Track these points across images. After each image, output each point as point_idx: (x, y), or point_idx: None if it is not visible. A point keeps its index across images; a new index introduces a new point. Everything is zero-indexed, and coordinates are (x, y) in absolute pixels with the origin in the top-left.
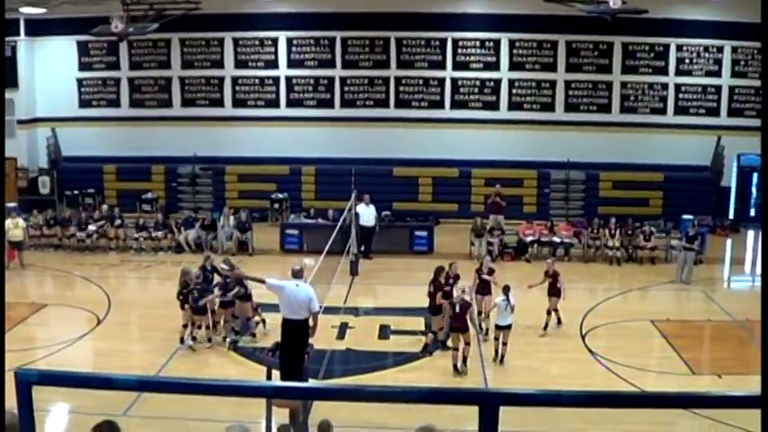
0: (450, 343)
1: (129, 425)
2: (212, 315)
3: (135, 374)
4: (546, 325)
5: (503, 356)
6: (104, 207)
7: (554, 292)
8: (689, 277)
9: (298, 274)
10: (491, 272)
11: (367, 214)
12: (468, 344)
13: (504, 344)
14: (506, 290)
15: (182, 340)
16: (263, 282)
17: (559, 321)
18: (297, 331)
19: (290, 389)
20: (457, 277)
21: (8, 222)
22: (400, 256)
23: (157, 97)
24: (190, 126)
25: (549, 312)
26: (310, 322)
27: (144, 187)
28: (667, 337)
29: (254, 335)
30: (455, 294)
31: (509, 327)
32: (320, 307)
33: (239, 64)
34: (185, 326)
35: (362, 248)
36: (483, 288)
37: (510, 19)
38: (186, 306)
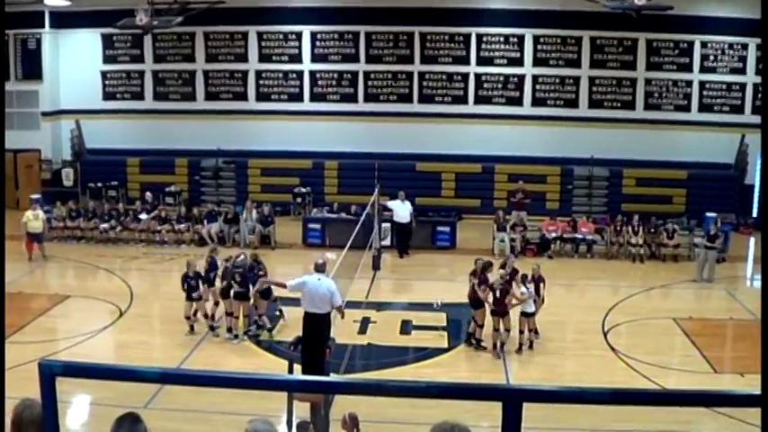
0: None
1: (151, 417)
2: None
3: (158, 367)
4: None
5: (531, 342)
6: (149, 195)
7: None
8: (711, 276)
9: (320, 268)
10: (514, 272)
11: (402, 211)
12: (507, 330)
13: (531, 330)
14: (525, 279)
15: (212, 328)
16: (284, 286)
17: (536, 332)
18: (318, 325)
19: (311, 382)
20: (515, 272)
21: (29, 214)
22: (422, 251)
23: (181, 90)
24: (213, 119)
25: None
26: (332, 316)
27: (167, 180)
28: (690, 335)
29: (270, 330)
30: (493, 280)
31: (533, 314)
32: (343, 301)
33: (263, 58)
34: (215, 314)
35: (390, 244)
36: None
37: (534, 15)
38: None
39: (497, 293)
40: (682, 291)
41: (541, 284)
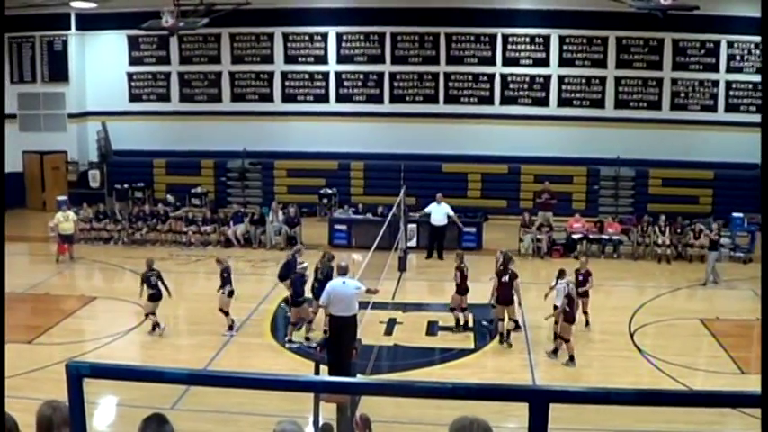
0: (495, 314)
1: (178, 418)
2: None
3: (185, 368)
4: (503, 334)
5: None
6: (170, 197)
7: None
8: (715, 277)
9: (343, 271)
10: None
11: (438, 213)
12: (512, 319)
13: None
14: (562, 274)
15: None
16: (324, 306)
17: (517, 325)
18: (345, 327)
19: (338, 384)
20: (588, 273)
21: (59, 216)
22: (449, 252)
23: (207, 92)
24: (239, 121)
25: (501, 319)
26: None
27: (193, 182)
28: (716, 335)
29: (308, 338)
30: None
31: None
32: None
33: (289, 59)
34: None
35: (416, 245)
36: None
37: (560, 15)
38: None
39: (505, 278)
40: (708, 291)
41: (589, 278)
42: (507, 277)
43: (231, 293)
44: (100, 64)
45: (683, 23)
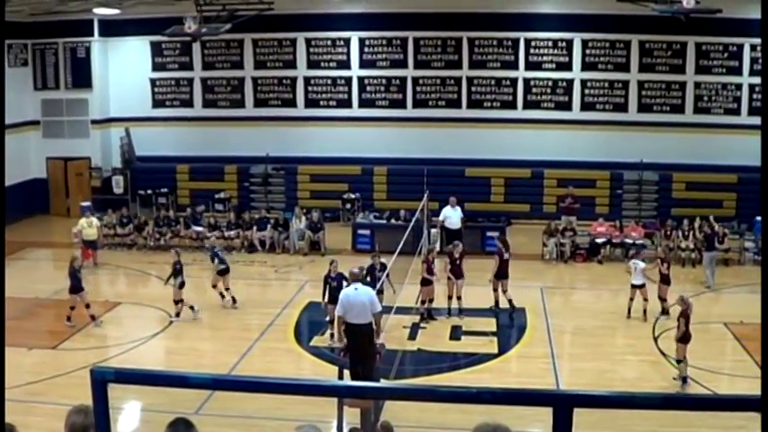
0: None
1: (202, 423)
2: None
3: (209, 373)
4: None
5: (645, 310)
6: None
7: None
8: (710, 280)
9: (356, 278)
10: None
11: (453, 217)
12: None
13: (646, 300)
14: (633, 255)
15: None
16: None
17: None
18: (362, 334)
19: (362, 388)
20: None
21: (83, 221)
22: (472, 257)
23: (230, 97)
24: (262, 126)
25: (495, 290)
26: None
27: (217, 187)
28: (741, 339)
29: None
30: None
31: (643, 285)
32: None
33: (312, 64)
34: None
35: (440, 250)
36: (456, 272)
37: (583, 19)
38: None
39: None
40: (732, 295)
41: (665, 264)
42: (508, 254)
43: (182, 285)
44: (123, 70)
45: (706, 27)
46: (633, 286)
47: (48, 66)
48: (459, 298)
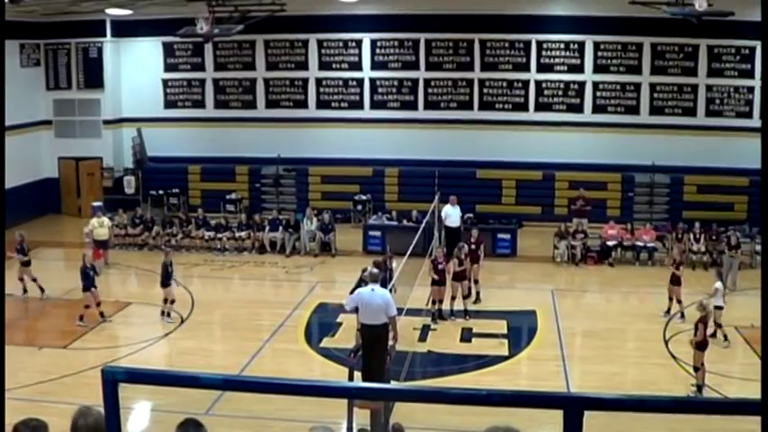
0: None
1: (212, 424)
2: None
3: (220, 373)
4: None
5: (716, 333)
6: (200, 211)
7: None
8: (734, 283)
9: (373, 278)
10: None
11: (453, 215)
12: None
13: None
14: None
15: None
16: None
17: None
18: (377, 336)
19: (372, 390)
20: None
21: (94, 221)
22: (483, 259)
23: (242, 98)
24: (274, 127)
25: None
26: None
27: (228, 188)
28: (751, 343)
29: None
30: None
31: (721, 308)
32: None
33: (323, 65)
34: None
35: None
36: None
37: (594, 21)
38: None
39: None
40: (743, 299)
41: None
42: (474, 246)
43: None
44: (135, 70)
45: (718, 29)
46: (717, 308)
47: (60, 66)
48: (465, 297)
